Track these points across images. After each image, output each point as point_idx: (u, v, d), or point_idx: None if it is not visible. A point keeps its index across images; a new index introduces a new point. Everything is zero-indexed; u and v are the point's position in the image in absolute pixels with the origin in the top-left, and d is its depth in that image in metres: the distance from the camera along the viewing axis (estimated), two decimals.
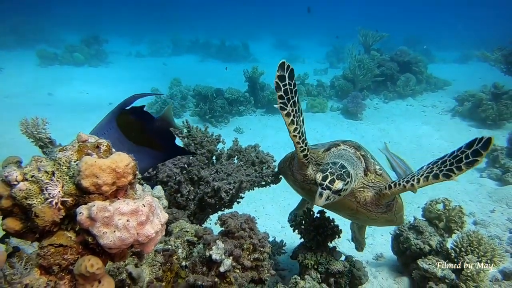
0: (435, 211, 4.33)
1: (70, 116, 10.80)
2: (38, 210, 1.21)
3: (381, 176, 2.98)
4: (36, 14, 27.71)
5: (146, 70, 19.85)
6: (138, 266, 2.33)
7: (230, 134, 9.71)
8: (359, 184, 2.90)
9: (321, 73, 19.68)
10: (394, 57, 14.81)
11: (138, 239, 1.22)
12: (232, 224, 2.61)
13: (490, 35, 24.94)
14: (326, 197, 2.54)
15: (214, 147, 4.29)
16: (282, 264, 4.54)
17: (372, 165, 2.98)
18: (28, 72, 16.41)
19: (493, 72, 13.54)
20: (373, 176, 2.95)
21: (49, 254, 1.24)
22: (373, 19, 33.19)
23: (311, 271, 3.54)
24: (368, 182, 2.93)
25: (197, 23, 36.79)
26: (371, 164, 2.98)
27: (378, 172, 2.97)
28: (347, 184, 2.58)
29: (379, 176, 2.97)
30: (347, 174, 2.61)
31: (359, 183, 2.90)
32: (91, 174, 1.19)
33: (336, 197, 2.58)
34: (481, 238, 3.98)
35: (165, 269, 2.48)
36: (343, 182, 2.54)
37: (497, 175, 7.59)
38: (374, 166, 2.98)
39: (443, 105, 13.08)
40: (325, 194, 2.53)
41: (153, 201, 1.28)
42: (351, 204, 3.00)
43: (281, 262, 4.55)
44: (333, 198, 2.57)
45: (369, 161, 3.00)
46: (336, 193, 2.56)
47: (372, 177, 2.94)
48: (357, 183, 2.89)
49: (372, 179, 2.94)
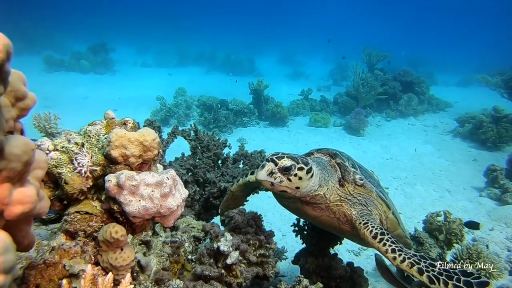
0: (436, 222, 4.37)
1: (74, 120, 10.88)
2: (68, 178, 1.28)
3: (362, 186, 2.68)
4: (44, 21, 28.16)
5: (151, 80, 20.09)
6: (147, 255, 2.38)
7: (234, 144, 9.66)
8: (334, 196, 2.64)
9: (324, 89, 19.91)
10: (397, 77, 15.01)
11: (160, 210, 1.29)
12: (239, 219, 2.66)
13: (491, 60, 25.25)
14: (268, 172, 2.29)
15: (221, 151, 4.37)
16: (282, 271, 4.56)
17: (351, 175, 2.69)
18: (34, 77, 16.57)
19: (493, 96, 13.71)
20: (352, 187, 2.67)
21: (75, 220, 1.30)
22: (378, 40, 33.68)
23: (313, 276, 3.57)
24: (346, 194, 2.67)
25: (203, 36, 37.31)
26: (349, 174, 2.69)
27: (358, 182, 2.67)
28: (300, 170, 2.34)
29: (360, 187, 2.68)
30: (305, 162, 2.39)
31: (334, 195, 2.64)
32: (120, 145, 1.27)
33: (283, 179, 2.32)
34: (481, 251, 4.02)
35: (172, 260, 2.52)
36: (294, 163, 2.32)
37: (496, 194, 7.64)
38: (353, 176, 2.68)
39: (444, 126, 13.22)
40: (267, 166, 2.30)
41: (176, 176, 1.34)
42: (331, 221, 2.75)
43: (282, 269, 4.57)
44: (279, 178, 2.31)
45: (347, 170, 2.71)
46: (282, 172, 2.31)
47: (350, 188, 2.67)
48: (332, 195, 2.64)
49: (350, 190, 2.67)
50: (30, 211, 0.87)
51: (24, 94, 1.06)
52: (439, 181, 8.77)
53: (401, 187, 8.34)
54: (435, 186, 8.44)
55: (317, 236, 3.76)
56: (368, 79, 13.91)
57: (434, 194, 8.06)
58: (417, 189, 8.27)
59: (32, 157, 0.88)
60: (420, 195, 7.95)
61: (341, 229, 2.80)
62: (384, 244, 2.35)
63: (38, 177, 1.01)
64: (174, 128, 4.14)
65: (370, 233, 2.45)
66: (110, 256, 1.33)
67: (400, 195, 7.90)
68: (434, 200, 7.71)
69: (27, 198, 0.85)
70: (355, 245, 5.74)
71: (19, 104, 1.06)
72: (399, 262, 2.25)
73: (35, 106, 1.10)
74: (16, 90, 1.04)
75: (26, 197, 0.85)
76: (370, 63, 16.19)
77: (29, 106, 1.06)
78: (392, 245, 2.33)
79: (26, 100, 1.08)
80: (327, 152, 2.88)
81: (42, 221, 1.53)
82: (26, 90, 1.08)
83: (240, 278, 2.41)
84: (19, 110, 1.07)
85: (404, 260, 2.25)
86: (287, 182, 2.34)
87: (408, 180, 8.70)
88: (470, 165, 9.81)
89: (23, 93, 1.06)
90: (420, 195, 7.95)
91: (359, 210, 2.67)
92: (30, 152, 0.86)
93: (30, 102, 1.06)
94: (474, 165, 9.73)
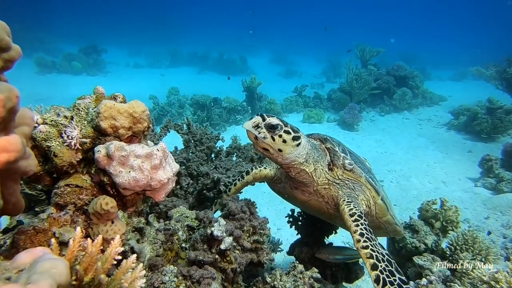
0: (432, 210, 4.37)
1: None
2: (58, 150, 1.26)
3: (351, 172, 2.69)
4: (35, 23, 28.00)
5: (144, 80, 20.03)
6: (140, 242, 2.36)
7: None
8: (322, 179, 2.67)
9: (318, 87, 19.95)
10: (391, 71, 15.05)
11: (151, 183, 1.27)
12: (233, 206, 2.64)
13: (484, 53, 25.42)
14: (255, 124, 2.35)
15: (214, 144, 4.35)
16: (278, 263, 4.55)
17: (341, 159, 2.69)
18: (26, 80, 16.47)
19: (488, 89, 13.78)
20: (341, 171, 2.68)
21: (65, 193, 1.28)
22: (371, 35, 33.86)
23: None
24: (334, 178, 2.68)
25: (195, 37, 37.29)
26: (338, 158, 2.70)
27: (347, 167, 2.68)
28: (286, 134, 2.38)
29: (349, 171, 2.69)
30: (294, 129, 2.43)
31: (322, 177, 2.67)
32: (109, 116, 1.25)
33: (267, 135, 2.35)
34: (476, 237, 4.01)
35: (166, 247, 2.49)
36: (281, 123, 2.36)
37: (491, 184, 7.67)
38: (342, 161, 2.69)
39: (439, 119, 13.27)
40: (255, 118, 2.37)
41: (166, 148, 1.33)
42: (320, 205, 2.80)
43: (277, 261, 4.57)
44: (263, 134, 2.34)
45: (337, 155, 2.72)
46: (267, 128, 2.35)
47: (339, 173, 2.68)
48: (320, 177, 2.66)
49: (339, 174, 2.68)
50: (15, 160, 0.85)
51: (8, 44, 1.03)
52: (434, 173, 8.80)
53: (396, 179, 8.36)
54: (430, 178, 8.47)
55: (311, 227, 3.75)
56: (362, 74, 13.93)
57: (429, 186, 8.08)
58: (412, 181, 8.29)
59: (17, 105, 0.86)
60: (415, 187, 7.97)
61: (330, 214, 2.83)
62: (357, 225, 2.39)
63: (25, 134, 0.98)
64: (167, 121, 4.12)
65: (349, 210, 2.49)
66: (101, 228, 1.31)
67: (395, 188, 7.91)
68: (429, 191, 7.73)
69: (12, 146, 0.82)
70: (350, 237, 5.75)
71: (3, 55, 1.03)
72: (360, 246, 2.30)
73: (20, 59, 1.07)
74: (0, 40, 1.01)
75: (11, 145, 0.82)
76: (363, 59, 16.25)
77: (13, 58, 1.02)
78: (363, 231, 2.36)
79: (11, 52, 1.04)
80: (317, 137, 2.88)
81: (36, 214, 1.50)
82: (10, 41, 1.04)
83: (234, 264, 2.39)
84: (3, 62, 1.03)
85: (366, 247, 2.28)
86: (270, 140, 2.36)
87: (403, 173, 8.72)
88: (465, 156, 9.85)
89: (6, 44, 1.02)
90: (415, 187, 7.97)
91: (346, 192, 2.71)
92: (15, 99, 0.84)
93: (15, 54, 1.03)
94: (469, 156, 9.77)
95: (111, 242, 1.06)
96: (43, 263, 0.79)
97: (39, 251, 0.86)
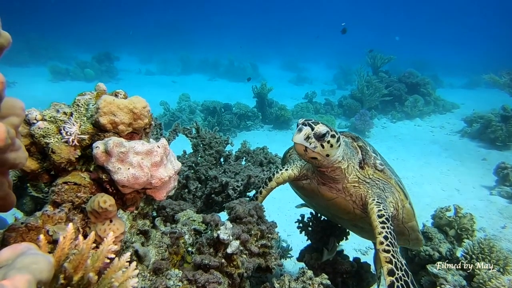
0: (445, 217, 4.25)
1: None
2: (55, 146, 1.22)
3: (382, 172, 2.65)
4: (50, 32, 28.49)
5: (155, 87, 20.18)
6: (145, 245, 2.31)
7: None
8: (353, 176, 2.60)
9: (328, 93, 19.90)
10: (402, 79, 14.92)
11: (151, 180, 1.22)
12: (240, 209, 2.58)
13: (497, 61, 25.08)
14: (305, 136, 2.27)
15: (223, 148, 4.30)
16: (288, 270, 4.48)
17: (372, 159, 2.66)
18: (40, 87, 16.74)
19: (502, 96, 13.58)
20: (372, 171, 2.63)
21: (63, 190, 1.23)
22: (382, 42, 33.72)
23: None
24: (365, 176, 2.62)
25: (207, 44, 37.56)
26: (370, 158, 2.67)
27: (378, 167, 2.64)
28: (332, 138, 2.33)
29: (379, 172, 2.64)
30: (335, 131, 2.38)
31: (353, 175, 2.60)
32: (109, 111, 1.20)
33: (317, 144, 2.29)
34: (493, 245, 3.88)
35: (171, 251, 2.44)
36: (328, 129, 2.30)
37: (508, 192, 7.48)
38: (374, 160, 2.65)
39: (452, 126, 13.07)
40: (304, 130, 2.27)
41: (168, 145, 1.28)
42: (346, 204, 2.70)
43: (287, 268, 4.49)
44: (314, 144, 2.29)
45: (368, 154, 2.69)
46: (317, 138, 2.29)
47: (370, 172, 2.63)
48: (351, 174, 2.60)
49: (370, 174, 2.63)
50: (1, 148, 0.80)
51: None
52: (447, 180, 8.63)
53: (408, 186, 8.19)
54: (443, 185, 8.31)
55: (322, 232, 3.68)
56: (373, 81, 13.83)
57: (443, 193, 7.92)
58: (425, 188, 8.14)
59: (2, 91, 0.82)
60: (428, 194, 7.82)
61: (355, 214, 2.75)
62: (383, 228, 2.32)
63: (14, 124, 0.93)
64: (175, 125, 4.08)
65: (378, 211, 2.42)
66: (99, 227, 1.26)
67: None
68: (442, 199, 7.57)
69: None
70: (363, 244, 5.63)
71: None
72: (381, 249, 2.22)
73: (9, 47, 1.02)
74: None
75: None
76: (374, 66, 16.14)
77: (2, 45, 0.97)
78: (388, 234, 2.29)
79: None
80: (349, 135, 2.85)
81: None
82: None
83: (241, 269, 2.32)
84: None
85: (388, 252, 2.21)
86: (320, 148, 2.32)
87: (415, 180, 8.57)
88: (479, 164, 9.65)
89: None
90: (428, 194, 7.82)
91: (376, 192, 2.63)
92: (0, 85, 0.80)
93: (4, 41, 0.97)
94: (484, 164, 9.57)
95: (104, 240, 1.02)
96: (23, 258, 0.73)
97: (23, 247, 0.80)
